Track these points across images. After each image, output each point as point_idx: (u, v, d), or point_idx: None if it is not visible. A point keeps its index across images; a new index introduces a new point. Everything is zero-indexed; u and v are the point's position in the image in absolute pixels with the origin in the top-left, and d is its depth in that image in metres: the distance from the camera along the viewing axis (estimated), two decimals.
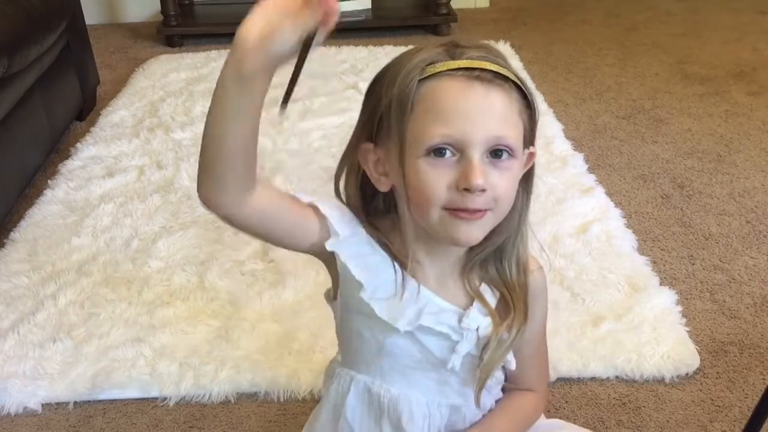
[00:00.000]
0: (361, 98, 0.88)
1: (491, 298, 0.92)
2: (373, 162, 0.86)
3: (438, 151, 0.79)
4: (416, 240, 0.88)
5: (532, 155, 0.87)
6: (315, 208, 0.86)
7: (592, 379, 1.48)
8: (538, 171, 0.92)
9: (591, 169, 2.21)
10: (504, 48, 3.14)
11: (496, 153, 0.80)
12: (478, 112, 0.79)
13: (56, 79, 2.38)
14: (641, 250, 1.85)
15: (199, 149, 0.76)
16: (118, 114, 2.64)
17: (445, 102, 0.79)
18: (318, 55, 2.90)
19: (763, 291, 1.72)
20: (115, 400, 1.48)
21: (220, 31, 3.45)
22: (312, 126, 2.50)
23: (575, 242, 1.84)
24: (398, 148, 0.81)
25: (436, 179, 0.80)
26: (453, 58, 0.80)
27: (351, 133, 0.89)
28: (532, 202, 0.93)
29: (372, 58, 3.06)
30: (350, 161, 0.89)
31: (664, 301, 1.64)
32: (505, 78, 0.81)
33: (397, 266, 0.88)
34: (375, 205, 0.91)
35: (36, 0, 2.21)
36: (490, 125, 0.79)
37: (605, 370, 1.49)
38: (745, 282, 1.75)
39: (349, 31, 3.40)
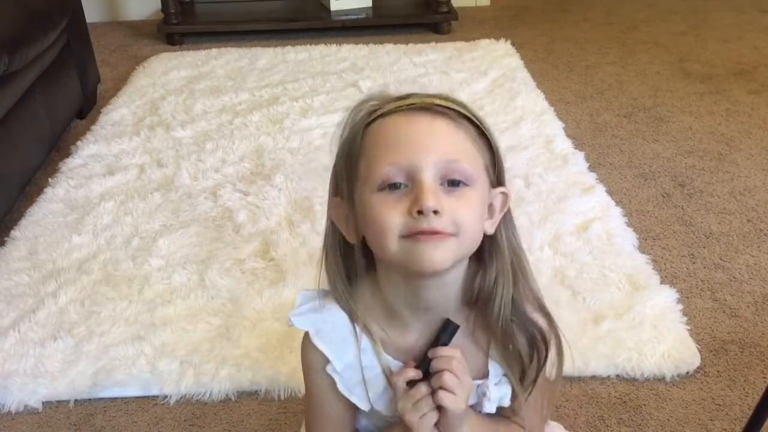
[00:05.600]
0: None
1: (502, 353, 0.89)
2: (344, 218, 0.86)
3: (391, 186, 0.79)
4: (395, 296, 0.87)
5: (506, 196, 0.85)
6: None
7: (593, 377, 1.48)
8: (538, 170, 0.92)
9: (592, 168, 2.21)
10: (505, 46, 3.14)
11: (452, 182, 0.79)
12: (424, 138, 0.79)
13: (57, 77, 2.38)
14: (642, 249, 1.85)
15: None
16: (118, 112, 2.64)
17: (391, 134, 0.80)
18: (319, 53, 2.90)
19: (763, 289, 1.72)
20: (116, 398, 1.48)
21: (221, 30, 3.46)
22: (312, 124, 2.50)
23: (576, 240, 1.84)
24: (349, 186, 0.82)
25: (390, 208, 0.78)
26: (401, 100, 0.81)
27: None
28: (533, 201, 0.93)
29: (372, 57, 3.06)
30: (329, 225, 0.89)
31: (664, 300, 1.64)
32: (457, 112, 0.81)
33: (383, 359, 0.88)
34: (356, 268, 0.89)
35: None
36: (437, 149, 0.78)
37: (606, 369, 1.49)
38: (745, 280, 1.75)
39: (349, 29, 3.41)
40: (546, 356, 0.88)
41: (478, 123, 0.82)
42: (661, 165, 2.26)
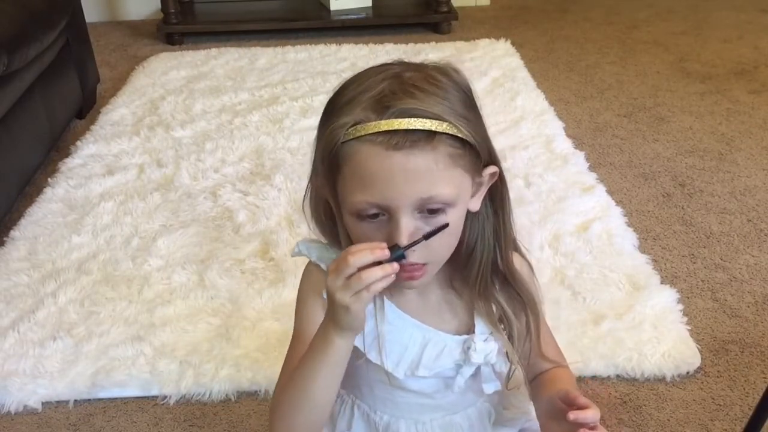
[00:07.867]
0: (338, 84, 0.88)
1: (488, 314, 0.91)
2: (333, 200, 0.86)
3: (370, 216, 0.79)
4: None
5: (493, 175, 0.85)
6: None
7: (593, 377, 1.48)
8: (538, 170, 0.91)
9: (592, 168, 2.20)
10: (505, 46, 3.14)
11: (430, 210, 0.79)
12: (399, 179, 0.77)
13: (56, 77, 2.37)
14: (642, 249, 1.84)
15: (282, 390, 0.87)
16: (118, 112, 2.64)
17: (366, 170, 0.77)
18: (318, 53, 2.88)
19: (764, 289, 1.72)
20: (116, 398, 1.48)
21: (221, 29, 3.46)
22: (312, 124, 2.48)
23: (576, 241, 1.84)
24: (334, 202, 0.83)
25: (367, 238, 0.80)
26: (379, 115, 0.77)
27: None
28: (533, 201, 0.93)
29: (372, 57, 3.06)
30: (313, 189, 0.91)
31: (665, 300, 1.64)
32: (434, 131, 0.77)
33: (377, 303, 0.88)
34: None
35: None
36: (413, 189, 0.77)
37: (606, 369, 1.48)
38: (746, 280, 1.75)
39: (349, 29, 3.40)
40: (529, 319, 0.92)
41: (458, 132, 0.78)
42: (661, 165, 2.25)
